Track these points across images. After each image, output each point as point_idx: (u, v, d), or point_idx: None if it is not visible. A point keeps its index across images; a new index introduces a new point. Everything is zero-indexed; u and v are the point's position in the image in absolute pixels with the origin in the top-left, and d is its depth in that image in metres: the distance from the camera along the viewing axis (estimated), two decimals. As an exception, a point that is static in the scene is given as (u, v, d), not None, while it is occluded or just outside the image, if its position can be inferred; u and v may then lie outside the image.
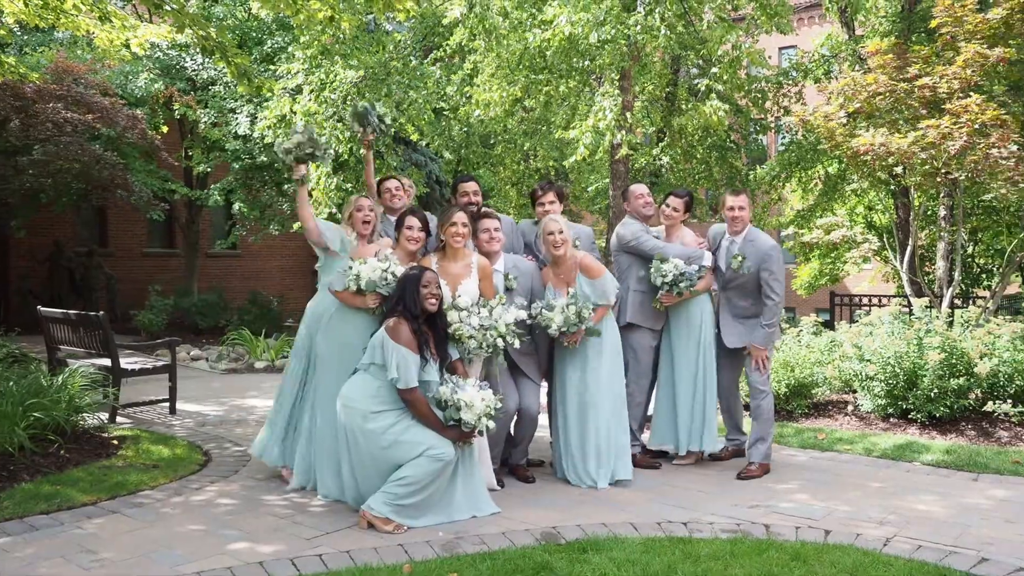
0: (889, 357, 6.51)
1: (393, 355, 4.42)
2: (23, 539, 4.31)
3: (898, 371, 6.49)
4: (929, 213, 13.35)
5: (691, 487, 5.27)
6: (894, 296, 13.32)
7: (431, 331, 4.60)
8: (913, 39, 10.82)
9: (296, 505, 4.89)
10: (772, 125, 13.40)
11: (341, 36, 10.53)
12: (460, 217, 4.96)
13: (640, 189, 5.99)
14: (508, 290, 5.14)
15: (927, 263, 14.23)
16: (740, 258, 5.47)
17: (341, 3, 5.87)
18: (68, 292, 15.66)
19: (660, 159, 12.18)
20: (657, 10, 9.16)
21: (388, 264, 4.79)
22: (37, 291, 15.21)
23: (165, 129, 13.77)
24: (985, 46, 7.10)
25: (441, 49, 11.94)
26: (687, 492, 5.16)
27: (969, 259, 15.89)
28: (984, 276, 15.95)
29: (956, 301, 8.62)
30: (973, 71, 7.09)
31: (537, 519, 4.61)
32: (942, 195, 10.74)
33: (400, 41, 11.74)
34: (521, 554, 3.99)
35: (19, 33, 13.59)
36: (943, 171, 7.11)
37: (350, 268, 4.85)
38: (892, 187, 9.37)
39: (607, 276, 5.32)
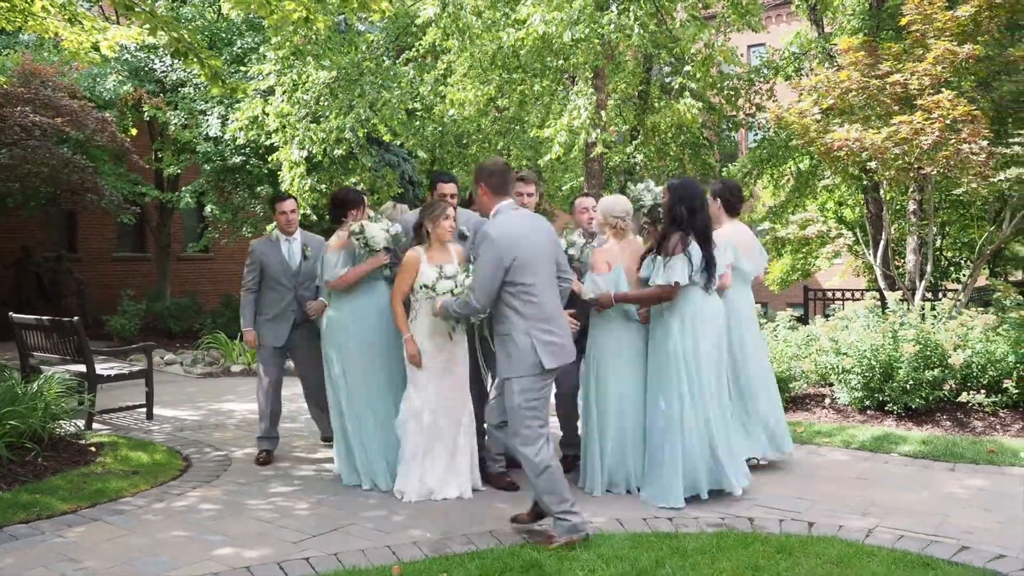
0: (865, 350, 6.61)
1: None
2: (2, 549, 4.24)
3: (874, 364, 6.59)
4: (899, 208, 13.58)
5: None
6: (866, 290, 13.54)
7: None
8: (882, 36, 10.98)
9: (280, 509, 4.86)
10: (744, 122, 13.54)
11: (314, 36, 10.47)
12: (452, 212, 5.01)
13: (584, 203, 5.58)
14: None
15: (897, 257, 14.46)
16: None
17: (315, 3, 5.80)
18: (37, 297, 15.39)
19: (634, 157, 12.26)
20: (630, 9, 9.22)
21: (389, 225, 5.26)
22: (5, 297, 14.93)
23: (134, 132, 13.59)
24: (954, 43, 7.24)
25: (414, 49, 11.92)
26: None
27: (938, 252, 16.17)
28: (952, 269, 16.24)
29: (927, 294, 8.75)
30: (943, 68, 7.22)
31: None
32: (911, 190, 10.91)
33: (373, 41, 11.69)
34: (510, 552, 4.00)
35: (-18, 35, 13.35)
36: (916, 166, 7.23)
37: (358, 232, 5.19)
38: (864, 183, 9.51)
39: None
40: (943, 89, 7.11)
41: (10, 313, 8.00)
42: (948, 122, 6.85)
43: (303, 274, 6.03)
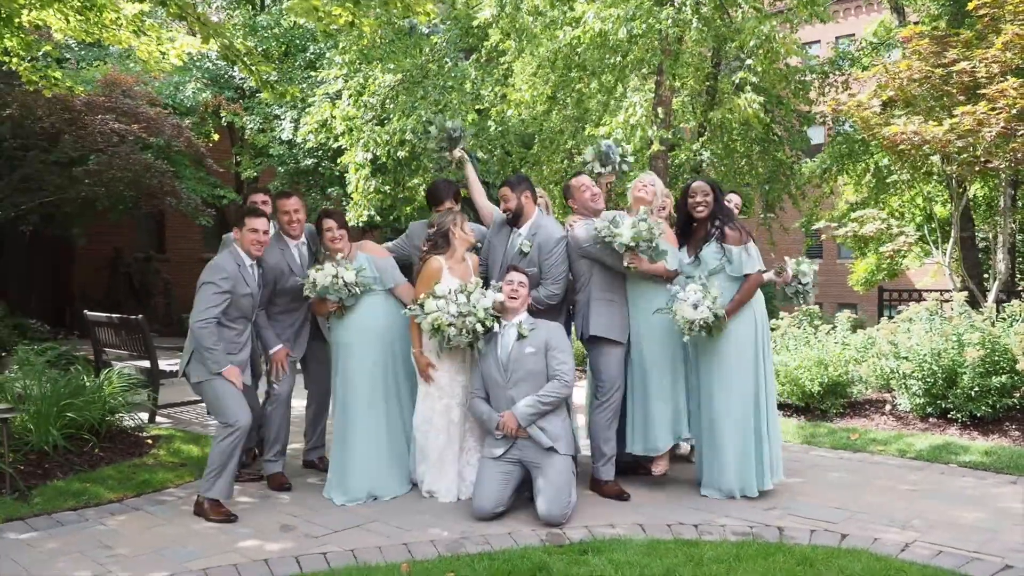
0: (926, 354, 6.27)
1: None
2: (48, 534, 4.48)
3: (936, 369, 6.24)
4: (992, 204, 12.85)
5: (710, 488, 5.15)
6: (948, 291, 12.84)
7: None
8: (965, 22, 10.39)
9: (311, 504, 4.96)
10: (818, 117, 13.06)
11: (377, 40, 10.67)
12: (467, 226, 5.04)
13: (582, 180, 5.25)
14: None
15: (989, 256, 13.69)
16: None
17: (357, 7, 5.89)
18: (128, 297, 16.22)
19: (701, 154, 11.97)
20: (690, 2, 9.02)
21: (337, 269, 4.91)
22: (98, 297, 15.79)
23: (216, 137, 14.16)
24: (1024, 27, 6.78)
25: (479, 51, 11.98)
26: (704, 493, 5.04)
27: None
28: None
29: (1001, 295, 8.23)
30: (1013, 53, 6.76)
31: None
32: (1004, 184, 10.31)
33: (436, 43, 11.82)
34: (521, 554, 3.97)
35: (77, 48, 14.14)
36: (982, 159, 6.80)
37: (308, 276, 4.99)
38: (941, 178, 9.01)
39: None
40: (1008, 77, 6.65)
41: (84, 311, 8.43)
42: (1015, 112, 6.41)
43: None
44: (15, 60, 7.94)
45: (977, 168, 7.05)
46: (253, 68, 6.40)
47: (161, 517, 4.76)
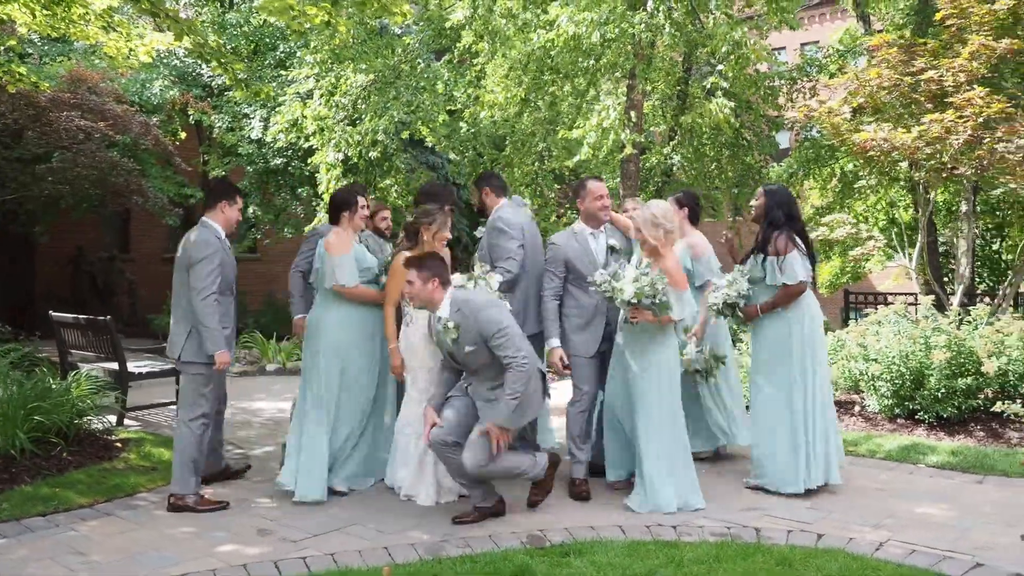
0: (894, 356, 6.39)
1: None
2: (17, 540, 4.38)
3: (904, 371, 6.36)
4: (953, 209, 13.12)
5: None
6: (912, 294, 13.10)
7: None
8: (929, 32, 10.62)
9: (288, 508, 4.91)
10: (783, 122, 13.26)
11: (349, 40, 10.60)
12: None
13: (597, 188, 5.23)
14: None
15: (951, 260, 13.99)
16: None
17: (334, 8, 5.85)
18: (91, 296, 15.93)
19: (671, 158, 12.08)
20: (662, 8, 9.10)
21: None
22: (61, 296, 15.48)
23: (183, 135, 13.96)
24: (991, 38, 6.94)
25: (452, 52, 11.96)
26: (681, 494, 5.08)
27: (996, 255, 15.56)
28: (1010, 272, 15.61)
29: (964, 299, 8.42)
30: (980, 63, 6.93)
31: (526, 521, 4.58)
32: (967, 190, 10.51)
33: (408, 44, 11.77)
34: (503, 556, 3.97)
35: (39, 43, 13.85)
36: (949, 166, 6.96)
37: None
38: (906, 184, 9.20)
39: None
40: (975, 86, 6.82)
41: (50, 312, 8.26)
42: (982, 120, 6.58)
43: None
44: (-23, 55, 7.79)
45: (944, 174, 7.21)
46: (227, 66, 6.32)
47: (134, 522, 4.68)
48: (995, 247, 15.75)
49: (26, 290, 15.90)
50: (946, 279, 13.58)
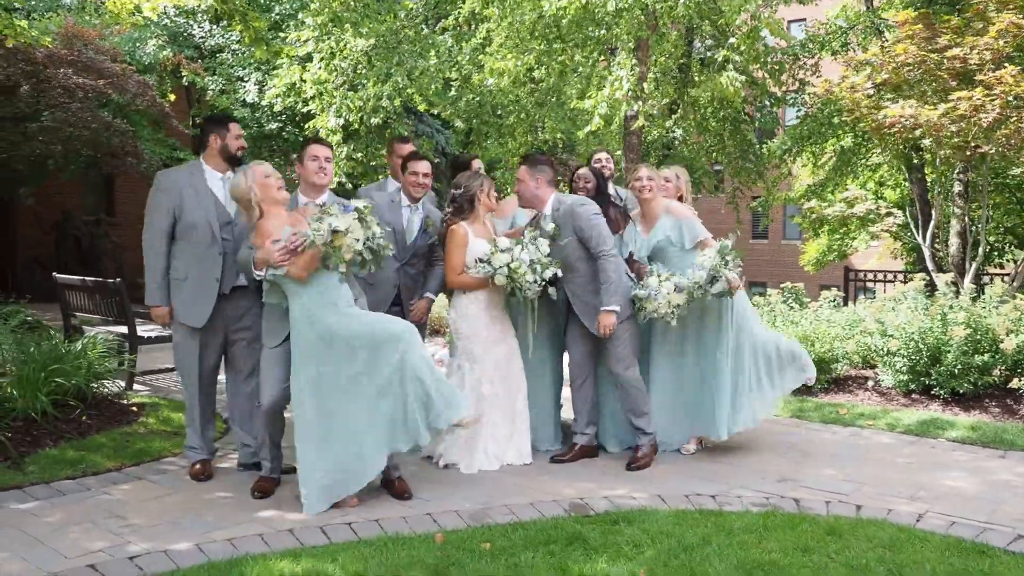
0: (913, 332, 6.46)
1: None
2: (50, 503, 4.31)
3: (922, 347, 6.44)
4: (943, 190, 13.27)
5: (716, 460, 5.24)
6: (906, 272, 13.28)
7: None
8: (935, 9, 10.64)
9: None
10: (789, 98, 13.25)
11: (351, 3, 10.37)
12: (491, 186, 4.97)
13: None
14: None
15: (938, 239, 14.19)
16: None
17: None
18: (75, 260, 15.61)
19: (673, 131, 12.05)
20: (677, -22, 8.99)
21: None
22: (44, 259, 15.16)
23: (173, 97, 13.66)
24: (1019, 16, 6.96)
25: (452, 17, 11.77)
26: (712, 465, 5.12)
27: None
28: (996, 253, 15.88)
29: (958, 277, 8.53)
30: (1006, 42, 6.95)
31: (564, 491, 4.58)
32: (957, 171, 10.63)
33: (412, 9, 11.56)
34: (553, 524, 3.97)
35: (26, -3, 13.42)
36: (972, 145, 7.00)
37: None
38: (915, 161, 9.24)
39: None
40: (1006, 64, 6.85)
41: (54, 274, 8.08)
42: (1010, 99, 6.61)
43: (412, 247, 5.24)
44: (-24, 6, 7.51)
45: (967, 152, 7.26)
46: (249, 23, 6.16)
47: (167, 487, 4.61)
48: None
49: (9, 254, 15.55)
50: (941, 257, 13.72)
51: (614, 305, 4.84)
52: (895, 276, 11.50)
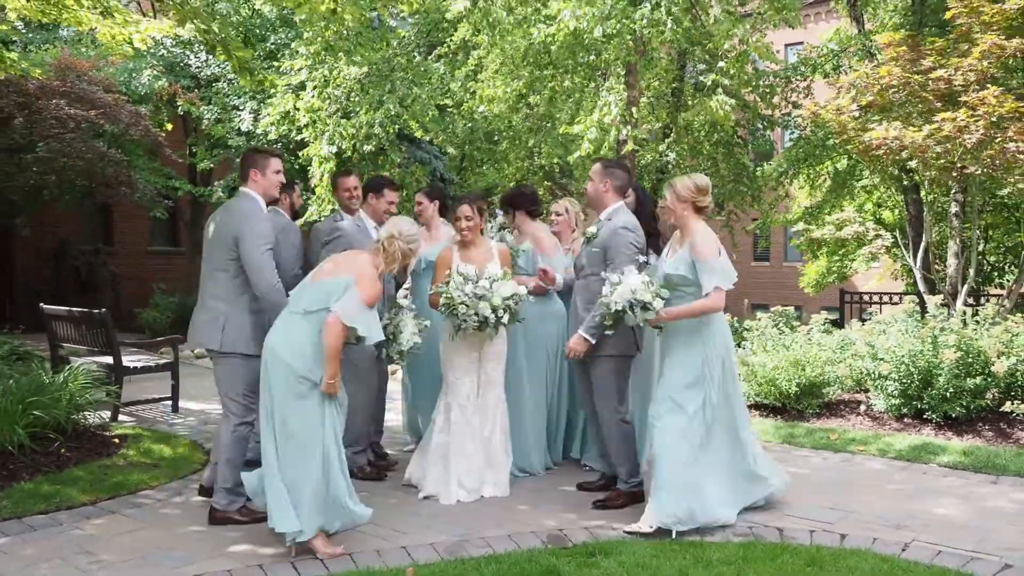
0: (903, 356, 6.38)
1: None
2: (21, 539, 4.24)
3: (912, 370, 6.35)
4: (940, 210, 13.22)
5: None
6: (904, 294, 13.19)
7: None
8: (925, 32, 10.66)
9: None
10: (780, 121, 13.25)
11: (344, 32, 10.44)
12: (464, 211, 4.92)
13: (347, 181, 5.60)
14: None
15: (939, 260, 14.11)
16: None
17: (343, -5, 5.74)
18: (74, 290, 15.61)
19: (666, 155, 12.04)
20: (663, 4, 9.03)
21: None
22: (43, 289, 15.16)
23: (169, 126, 13.70)
24: (1002, 37, 6.95)
25: (445, 45, 11.84)
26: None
27: (981, 256, 15.72)
28: (996, 274, 15.78)
29: (968, 299, 8.45)
30: (990, 63, 6.93)
31: (543, 521, 4.50)
32: (954, 191, 10.59)
33: (404, 37, 11.63)
34: (528, 557, 3.89)
35: (24, 30, 13.54)
36: (958, 165, 6.97)
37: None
38: (904, 183, 9.20)
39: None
40: (988, 85, 6.83)
41: (41, 304, 8.06)
42: (994, 119, 6.58)
43: None
44: (-33, 40, 7.56)
45: (954, 173, 7.22)
46: (232, 53, 6.17)
47: (140, 520, 4.55)
48: (980, 248, 15.90)
49: (6, 283, 15.57)
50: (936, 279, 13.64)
51: (589, 333, 4.61)
52: (891, 298, 11.42)
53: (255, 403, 4.32)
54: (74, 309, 7.74)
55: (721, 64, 9.39)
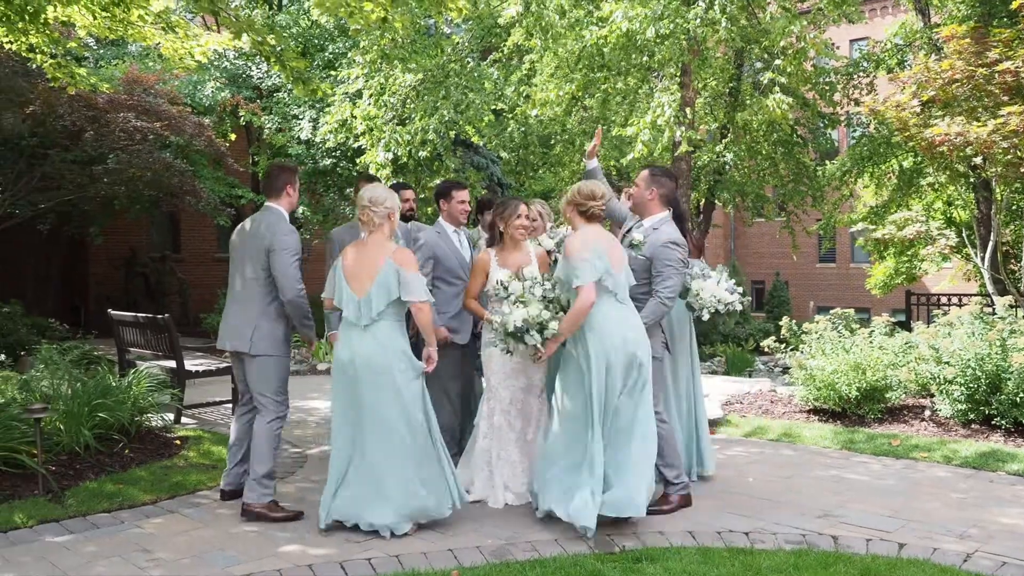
0: (969, 359, 6.14)
1: None
2: (84, 537, 4.39)
3: (979, 374, 6.11)
4: (1016, 207, 12.71)
5: (755, 494, 5.05)
6: (976, 295, 12.71)
7: None
8: (994, 24, 10.27)
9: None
10: (842, 119, 12.92)
11: (399, 39, 10.60)
12: (524, 210, 4.92)
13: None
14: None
15: (1012, 260, 13.55)
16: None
17: (392, 3, 5.81)
18: (143, 297, 16.19)
19: (724, 156, 11.87)
20: (717, 2, 8.92)
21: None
22: (114, 296, 15.75)
23: (233, 136, 14.10)
24: (1074, 27, 6.65)
25: (499, 50, 11.91)
26: (751, 500, 4.94)
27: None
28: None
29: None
30: (1060, 54, 6.65)
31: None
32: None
33: (458, 43, 11.75)
34: (573, 562, 3.87)
35: (96, 47, 14.12)
36: (1027, 161, 6.70)
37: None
38: (972, 180, 8.87)
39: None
40: (1059, 77, 6.55)
41: (109, 310, 8.36)
42: (1067, 113, 6.30)
43: None
44: (40, 57, 7.88)
45: (1022, 169, 6.93)
46: (286, 63, 6.32)
47: (197, 520, 4.67)
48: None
49: (80, 290, 16.23)
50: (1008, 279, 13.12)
51: None
52: (959, 299, 10.99)
53: (286, 400, 4.86)
54: (139, 315, 8.00)
55: (778, 62, 9.23)
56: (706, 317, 4.93)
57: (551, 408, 4.66)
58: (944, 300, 11.63)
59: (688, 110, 9.53)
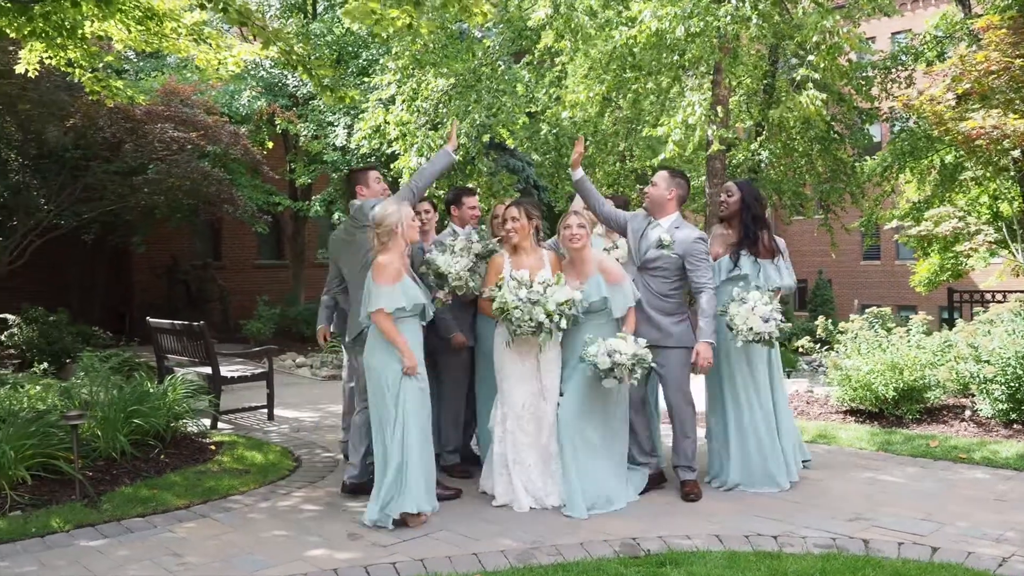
0: (1009, 358, 5.97)
1: None
2: (118, 541, 4.49)
3: (1020, 372, 5.94)
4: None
5: (785, 497, 4.97)
6: (1020, 291, 12.35)
7: None
8: (1035, 12, 9.97)
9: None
10: (882, 114, 12.65)
11: (429, 45, 10.67)
12: (511, 212, 4.95)
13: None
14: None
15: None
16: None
17: (416, 9, 5.85)
18: (185, 304, 16.49)
19: (759, 154, 11.71)
20: (747, -1, 8.82)
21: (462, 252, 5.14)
22: (157, 303, 16.09)
23: (270, 144, 14.33)
24: (1116, 14, 6.43)
25: (531, 53, 11.91)
26: (781, 503, 4.86)
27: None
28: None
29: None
30: (1102, 42, 6.43)
31: (618, 529, 4.44)
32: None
33: (489, 47, 11.77)
34: (596, 566, 3.85)
35: (136, 60, 14.44)
36: (1068, 153, 6.49)
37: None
38: (1013, 173, 8.62)
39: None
40: (1100, 66, 6.33)
41: (147, 318, 8.54)
42: (1108, 103, 6.09)
43: None
44: (79, 71, 8.08)
45: (1063, 162, 6.73)
46: (313, 72, 6.40)
47: (227, 524, 4.74)
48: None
49: (124, 298, 16.60)
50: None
51: (711, 337, 4.86)
52: (1004, 296, 10.67)
53: None
54: (176, 322, 8.16)
55: (811, 58, 9.07)
56: (739, 344, 4.89)
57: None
58: (988, 297, 11.31)
59: (720, 108, 9.42)
